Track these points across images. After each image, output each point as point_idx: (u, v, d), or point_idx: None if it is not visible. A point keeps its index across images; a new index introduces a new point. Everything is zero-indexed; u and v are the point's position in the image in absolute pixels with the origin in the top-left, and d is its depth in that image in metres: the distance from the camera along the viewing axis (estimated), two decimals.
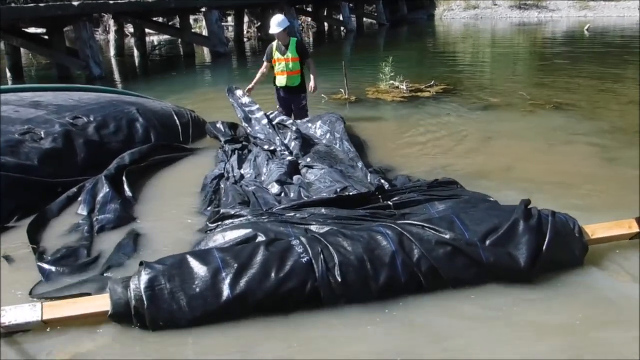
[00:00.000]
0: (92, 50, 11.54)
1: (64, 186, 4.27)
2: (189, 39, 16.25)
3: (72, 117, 5.02)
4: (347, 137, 5.28)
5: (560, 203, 3.47)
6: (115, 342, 2.47)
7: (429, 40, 19.15)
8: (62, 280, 3.01)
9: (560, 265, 2.85)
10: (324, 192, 3.86)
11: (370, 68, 10.20)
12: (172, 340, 2.45)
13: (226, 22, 22.12)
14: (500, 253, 2.74)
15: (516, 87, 8.79)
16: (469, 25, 23.26)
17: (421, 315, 2.58)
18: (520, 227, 2.81)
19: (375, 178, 4.16)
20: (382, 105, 7.95)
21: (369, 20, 25.32)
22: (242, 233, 3.10)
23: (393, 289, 2.66)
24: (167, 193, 4.42)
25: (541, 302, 2.64)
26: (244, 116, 5.94)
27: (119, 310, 2.52)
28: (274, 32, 5.95)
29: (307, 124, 5.79)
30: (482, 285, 2.74)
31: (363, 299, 2.64)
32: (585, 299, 2.67)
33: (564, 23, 22.13)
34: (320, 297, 2.60)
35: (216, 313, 2.52)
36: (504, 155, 5.18)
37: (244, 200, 3.83)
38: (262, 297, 2.55)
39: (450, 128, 6.35)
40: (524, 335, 2.43)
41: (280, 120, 5.77)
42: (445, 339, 2.42)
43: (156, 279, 2.55)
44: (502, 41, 17.99)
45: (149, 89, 8.81)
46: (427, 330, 2.49)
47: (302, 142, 5.17)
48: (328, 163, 4.56)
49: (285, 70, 6.03)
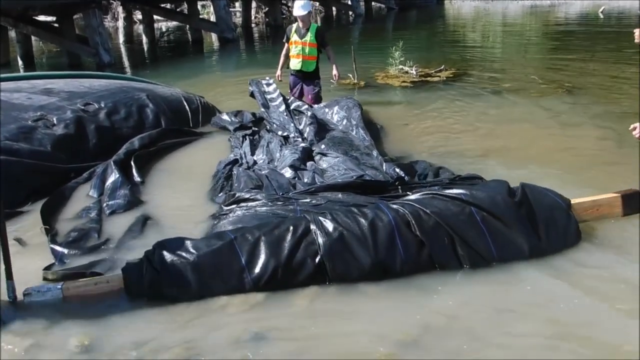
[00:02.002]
0: (102, 38, 11.56)
1: (76, 172, 4.34)
2: (197, 25, 16.20)
3: (83, 104, 5.06)
4: (362, 125, 5.18)
5: (569, 182, 3.47)
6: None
7: (439, 25, 18.92)
8: (73, 262, 3.09)
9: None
10: (339, 179, 3.82)
11: (379, 53, 10.12)
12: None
13: (234, 8, 21.98)
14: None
15: (528, 71, 8.69)
16: (479, 9, 22.92)
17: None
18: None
19: (391, 167, 4.05)
20: (391, 90, 7.90)
21: (378, 5, 25.03)
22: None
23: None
24: (177, 178, 4.46)
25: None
26: (263, 102, 5.90)
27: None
28: (298, 14, 5.94)
29: (325, 109, 5.74)
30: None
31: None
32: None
33: (577, 6, 21.71)
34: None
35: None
36: (515, 139, 5.17)
37: (257, 184, 3.84)
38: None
39: (461, 112, 6.32)
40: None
41: (296, 106, 5.74)
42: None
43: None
44: (513, 24, 17.71)
45: (158, 76, 8.83)
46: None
47: (317, 127, 5.13)
48: (343, 150, 4.49)
49: (302, 54, 5.98)
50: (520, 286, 2.67)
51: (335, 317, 2.51)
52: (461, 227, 2.82)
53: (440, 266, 2.78)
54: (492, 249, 2.81)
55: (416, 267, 2.77)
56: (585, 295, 2.56)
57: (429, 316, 2.45)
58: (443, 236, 2.80)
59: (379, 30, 18.66)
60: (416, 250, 2.77)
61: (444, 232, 2.81)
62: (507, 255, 2.82)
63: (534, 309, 2.48)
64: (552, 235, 2.91)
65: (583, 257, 2.86)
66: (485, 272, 2.78)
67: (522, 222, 2.89)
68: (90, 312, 2.57)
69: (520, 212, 2.92)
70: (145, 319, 2.56)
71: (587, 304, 2.51)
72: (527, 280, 2.70)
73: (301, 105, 5.79)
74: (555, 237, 2.92)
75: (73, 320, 2.51)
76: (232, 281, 2.66)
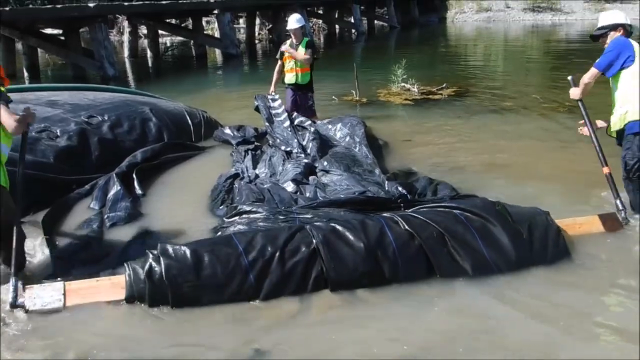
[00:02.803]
0: (107, 51, 11.68)
1: (78, 183, 4.35)
2: (201, 40, 16.37)
3: (87, 116, 5.10)
4: (366, 142, 5.19)
5: (567, 200, 3.47)
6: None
7: (441, 43, 19.09)
8: (74, 272, 3.07)
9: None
10: (341, 195, 3.85)
11: (381, 70, 10.20)
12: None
13: (238, 24, 22.24)
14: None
15: (529, 90, 8.75)
16: (481, 28, 23.15)
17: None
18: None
19: (393, 186, 4.06)
20: (393, 107, 7.95)
21: (380, 23, 25.30)
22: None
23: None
24: (179, 191, 4.46)
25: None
26: (268, 117, 5.94)
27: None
28: (292, 28, 6.09)
29: (328, 125, 5.79)
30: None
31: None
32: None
33: (578, 26, 21.92)
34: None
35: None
36: (516, 156, 5.19)
37: (259, 198, 3.85)
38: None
39: (462, 129, 6.34)
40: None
41: (299, 122, 5.79)
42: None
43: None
44: (515, 44, 17.88)
45: (161, 90, 8.89)
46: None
47: (320, 143, 5.16)
48: (345, 166, 4.53)
49: (295, 68, 6.12)
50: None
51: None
52: (449, 225, 3.03)
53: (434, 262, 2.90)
54: (479, 242, 2.96)
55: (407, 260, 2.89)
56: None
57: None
58: (432, 231, 2.98)
59: (381, 48, 18.83)
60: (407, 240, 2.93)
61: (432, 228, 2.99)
62: (492, 248, 2.97)
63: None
64: (535, 235, 3.09)
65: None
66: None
67: (502, 219, 3.08)
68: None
69: (499, 210, 3.15)
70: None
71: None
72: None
73: (304, 120, 5.83)
74: (538, 236, 3.10)
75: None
76: (235, 283, 2.71)
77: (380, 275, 2.82)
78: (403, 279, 2.84)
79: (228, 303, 2.69)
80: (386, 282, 2.83)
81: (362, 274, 2.80)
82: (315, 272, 2.78)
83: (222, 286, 2.70)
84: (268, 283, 2.73)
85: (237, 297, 2.70)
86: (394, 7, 24.30)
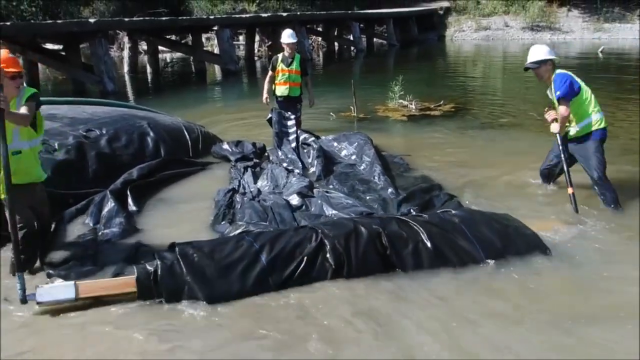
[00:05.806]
0: (107, 66, 11.74)
1: (75, 198, 4.33)
2: (201, 56, 16.49)
3: (85, 130, 5.10)
4: (379, 162, 5.07)
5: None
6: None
7: (440, 61, 19.23)
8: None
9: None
10: (348, 209, 3.93)
11: (380, 87, 10.24)
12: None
13: (237, 40, 22.42)
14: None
15: (527, 107, 8.78)
16: (480, 47, 23.32)
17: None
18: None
19: (407, 207, 4.08)
20: (390, 123, 7.97)
21: (379, 41, 25.50)
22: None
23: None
24: (176, 207, 4.44)
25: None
26: (278, 131, 5.92)
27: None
28: (287, 42, 6.26)
29: (333, 142, 5.78)
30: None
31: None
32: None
33: (577, 45, 22.06)
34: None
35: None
36: (512, 171, 5.21)
37: (262, 217, 3.88)
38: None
39: (459, 145, 6.36)
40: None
41: (303, 139, 5.81)
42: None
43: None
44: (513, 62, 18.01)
45: (160, 105, 8.90)
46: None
47: (324, 161, 5.17)
48: (350, 186, 4.55)
49: (288, 81, 6.32)
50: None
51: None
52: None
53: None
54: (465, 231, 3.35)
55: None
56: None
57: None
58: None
59: (380, 65, 18.94)
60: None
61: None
62: (480, 237, 3.34)
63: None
64: (510, 229, 3.49)
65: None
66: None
67: (485, 217, 3.52)
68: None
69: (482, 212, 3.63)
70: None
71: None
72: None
73: (308, 137, 5.85)
74: (514, 230, 3.50)
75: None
76: (250, 279, 2.89)
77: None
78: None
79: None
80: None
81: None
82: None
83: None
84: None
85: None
86: (393, 25, 24.55)
